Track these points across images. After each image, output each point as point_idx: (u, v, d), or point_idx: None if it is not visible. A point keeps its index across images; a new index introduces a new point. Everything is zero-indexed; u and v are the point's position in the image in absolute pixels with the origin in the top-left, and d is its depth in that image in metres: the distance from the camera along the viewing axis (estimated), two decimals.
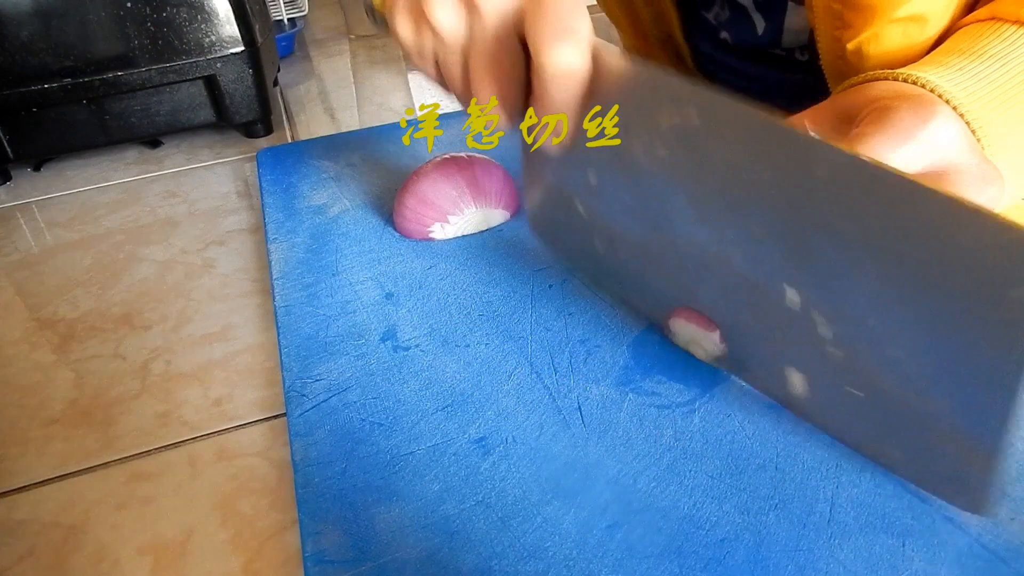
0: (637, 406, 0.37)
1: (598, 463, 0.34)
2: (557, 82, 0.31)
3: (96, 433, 0.43)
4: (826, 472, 0.33)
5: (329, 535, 0.32)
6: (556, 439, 0.35)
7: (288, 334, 0.43)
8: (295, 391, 0.39)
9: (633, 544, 0.30)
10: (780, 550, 0.30)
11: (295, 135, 0.82)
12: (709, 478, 0.33)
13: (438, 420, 0.37)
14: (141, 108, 0.74)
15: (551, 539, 0.31)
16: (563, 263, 0.43)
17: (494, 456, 0.35)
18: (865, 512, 0.31)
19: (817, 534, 0.30)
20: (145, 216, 0.67)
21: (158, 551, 0.36)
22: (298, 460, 0.35)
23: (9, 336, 0.52)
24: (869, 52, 0.40)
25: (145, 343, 0.50)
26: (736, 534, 0.30)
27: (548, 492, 0.33)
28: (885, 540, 0.30)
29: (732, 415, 0.36)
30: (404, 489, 0.33)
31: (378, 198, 0.58)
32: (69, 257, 0.61)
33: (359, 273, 0.49)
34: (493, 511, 0.32)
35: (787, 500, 0.32)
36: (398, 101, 0.90)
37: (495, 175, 0.52)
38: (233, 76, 0.75)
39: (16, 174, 0.77)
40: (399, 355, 0.41)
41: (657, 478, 0.33)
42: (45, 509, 0.38)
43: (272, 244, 0.53)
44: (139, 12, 0.70)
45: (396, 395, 0.38)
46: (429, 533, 0.31)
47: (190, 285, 0.56)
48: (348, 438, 0.36)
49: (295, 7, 1.08)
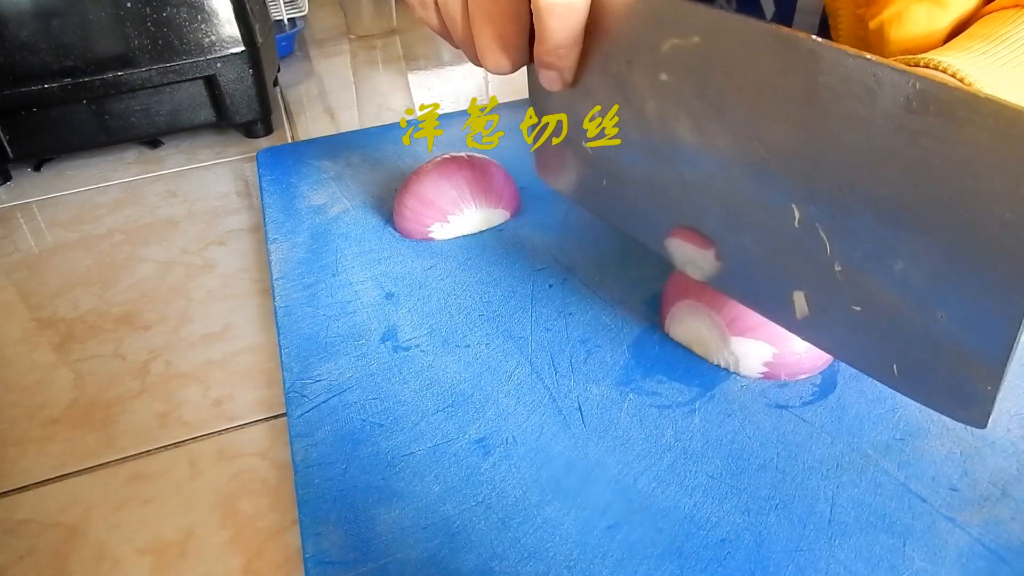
0: (637, 406, 0.37)
1: (598, 463, 0.34)
2: (554, 17, 0.30)
3: (96, 433, 0.43)
4: (826, 472, 0.33)
5: (330, 536, 0.31)
6: (556, 439, 0.35)
7: (288, 334, 0.43)
8: (295, 392, 0.39)
9: (634, 544, 0.30)
10: (781, 550, 0.30)
11: (295, 135, 0.82)
12: (709, 478, 0.33)
13: (438, 420, 0.37)
14: (141, 108, 0.74)
15: (552, 540, 0.31)
16: (568, 198, 0.42)
17: (494, 456, 0.35)
18: (865, 512, 0.31)
19: (817, 534, 0.30)
20: (145, 216, 0.67)
21: (158, 551, 0.35)
22: (299, 461, 0.35)
23: (9, 336, 0.52)
24: (890, 34, 0.39)
25: (145, 343, 0.50)
26: (737, 534, 0.30)
27: (549, 492, 0.33)
28: (886, 540, 0.30)
29: (732, 415, 0.36)
30: (404, 490, 0.33)
31: (378, 198, 0.57)
32: (69, 257, 0.61)
33: (359, 273, 0.49)
34: (494, 512, 0.32)
35: (787, 500, 0.32)
36: (398, 101, 0.90)
37: (495, 175, 0.52)
38: (233, 76, 0.75)
39: (16, 174, 0.77)
40: (399, 355, 0.41)
41: (658, 478, 0.33)
42: (45, 509, 0.38)
43: (272, 244, 0.53)
44: (139, 12, 0.69)
45: (396, 395, 0.38)
46: (430, 534, 0.31)
47: (190, 285, 0.56)
48: (348, 439, 0.36)
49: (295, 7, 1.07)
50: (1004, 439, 0.34)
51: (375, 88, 0.95)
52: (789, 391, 0.37)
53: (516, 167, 0.55)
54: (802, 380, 0.37)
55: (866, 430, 0.34)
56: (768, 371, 0.37)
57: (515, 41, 0.33)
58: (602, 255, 0.48)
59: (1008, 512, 0.30)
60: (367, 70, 1.02)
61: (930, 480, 0.32)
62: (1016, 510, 0.30)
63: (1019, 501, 0.31)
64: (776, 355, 0.37)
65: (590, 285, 0.46)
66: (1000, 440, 0.34)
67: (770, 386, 0.37)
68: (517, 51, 0.33)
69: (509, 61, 0.34)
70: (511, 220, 0.53)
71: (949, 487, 0.32)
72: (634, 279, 0.46)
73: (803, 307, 0.31)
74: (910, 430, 0.34)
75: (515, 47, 0.33)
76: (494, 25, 0.32)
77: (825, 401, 0.36)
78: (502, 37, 0.33)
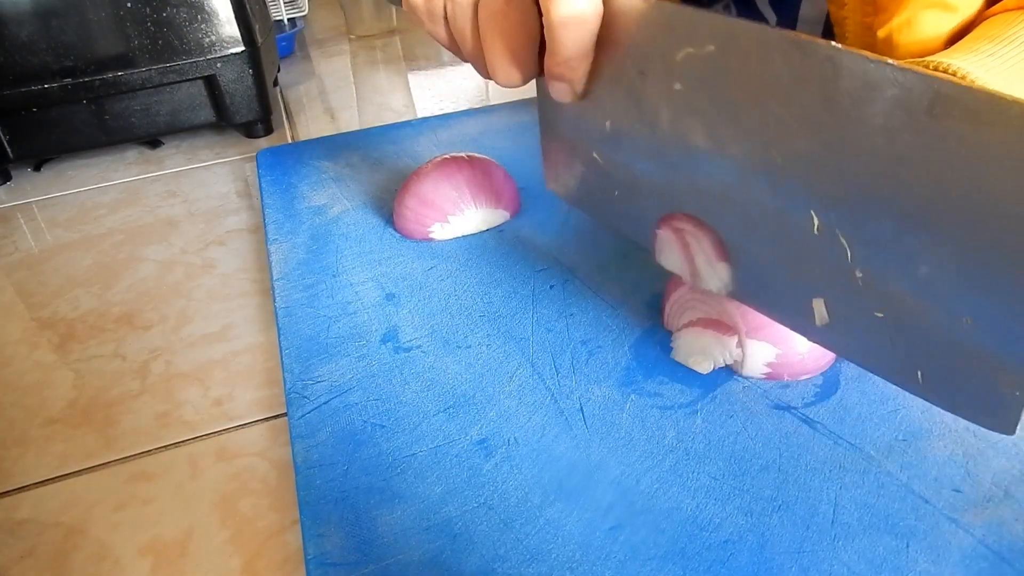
0: (639, 407, 0.36)
1: (601, 464, 0.34)
2: (565, 29, 0.30)
3: (96, 433, 0.42)
4: (829, 473, 0.32)
5: (331, 538, 0.31)
6: (558, 440, 0.35)
7: (289, 335, 0.43)
8: (296, 393, 0.39)
9: (637, 546, 0.30)
10: (784, 552, 0.29)
11: (295, 135, 0.82)
12: (712, 479, 0.32)
13: (440, 422, 0.36)
14: (141, 108, 0.74)
15: (554, 541, 0.30)
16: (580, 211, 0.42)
17: (496, 458, 0.34)
18: (869, 513, 0.31)
19: (821, 536, 0.30)
20: (145, 216, 0.66)
21: (158, 551, 0.35)
22: (300, 462, 0.35)
23: (9, 336, 0.52)
24: (900, 41, 0.39)
25: (145, 343, 0.49)
26: (740, 535, 0.30)
27: (551, 494, 0.32)
28: (889, 541, 0.29)
29: (734, 416, 0.35)
30: (406, 491, 0.33)
31: (378, 198, 0.57)
32: (69, 257, 0.61)
33: (360, 274, 0.48)
34: (496, 513, 0.32)
35: (790, 501, 0.31)
36: (398, 101, 0.89)
37: (495, 175, 0.51)
38: (233, 76, 0.74)
39: (16, 174, 0.76)
40: (400, 356, 0.41)
41: (660, 479, 0.33)
42: (45, 509, 0.38)
43: (272, 245, 0.52)
44: (139, 12, 0.69)
45: (397, 396, 0.38)
46: (432, 535, 0.31)
47: (190, 285, 0.55)
48: (350, 440, 0.36)
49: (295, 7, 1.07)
50: (1006, 440, 0.33)
51: (375, 88, 0.95)
52: (791, 392, 0.37)
53: (516, 167, 0.54)
54: (804, 381, 0.37)
55: (868, 431, 0.34)
56: (771, 372, 0.37)
57: (525, 54, 0.33)
58: (603, 256, 0.48)
59: (1011, 513, 0.30)
60: (367, 70, 1.02)
61: (933, 481, 0.32)
62: (1019, 511, 0.30)
63: (1022, 502, 0.30)
64: (779, 355, 0.36)
65: (591, 286, 0.45)
66: (1002, 441, 0.33)
67: (772, 387, 0.37)
68: (527, 64, 0.33)
69: (520, 74, 0.33)
70: (511, 220, 0.53)
71: (952, 488, 0.31)
72: (635, 280, 0.45)
73: (823, 314, 0.31)
74: (912, 431, 0.34)
75: (525, 60, 0.33)
76: (504, 38, 0.32)
77: (827, 402, 0.36)
78: (512, 50, 0.32)
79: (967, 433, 0.34)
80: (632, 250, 0.48)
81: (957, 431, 0.34)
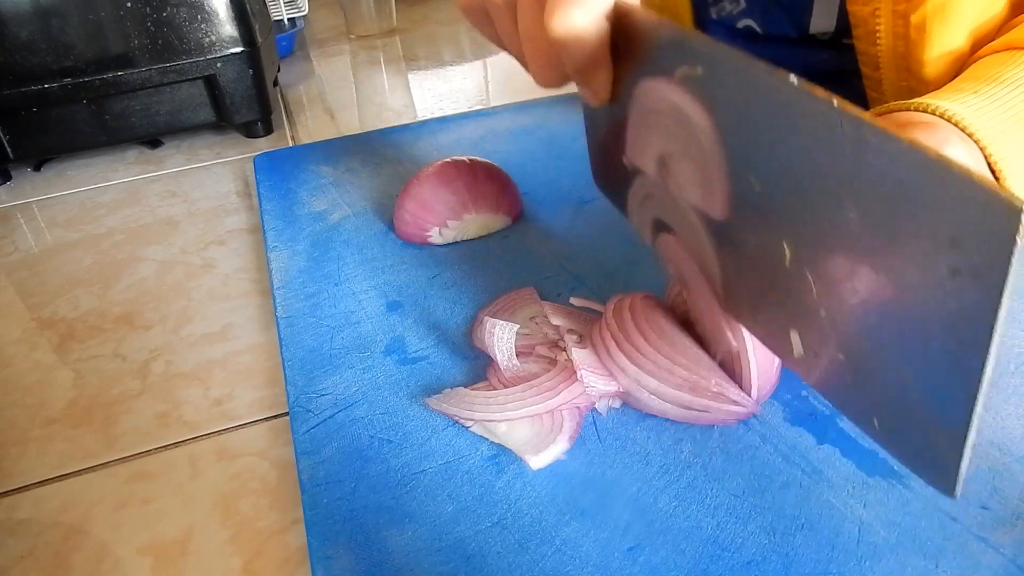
0: (654, 420, 0.34)
1: (616, 482, 0.31)
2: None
3: (96, 433, 0.41)
4: (852, 489, 0.30)
5: (340, 560, 0.29)
6: (572, 456, 0.32)
7: (291, 346, 0.40)
8: (300, 406, 0.36)
9: (656, 567, 0.28)
10: (809, 574, 0.27)
11: (295, 135, 0.79)
12: (732, 497, 0.30)
13: (449, 436, 0.34)
14: (141, 108, 0.71)
15: (572, 563, 0.28)
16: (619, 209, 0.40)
17: (508, 474, 0.32)
18: (895, 532, 0.28)
19: (847, 556, 0.28)
20: (145, 216, 0.64)
21: (158, 551, 0.34)
22: (305, 480, 0.32)
23: (9, 336, 0.50)
24: (932, 28, 0.38)
25: (145, 343, 0.47)
26: (763, 556, 0.28)
27: (566, 512, 0.30)
28: (917, 561, 0.27)
29: (752, 429, 0.33)
30: (416, 510, 0.30)
31: (379, 203, 0.54)
32: (69, 257, 0.58)
33: (362, 282, 0.45)
34: (510, 533, 0.29)
35: (814, 520, 0.29)
36: (398, 101, 0.87)
37: (496, 180, 0.49)
38: (233, 76, 0.72)
39: (16, 174, 0.74)
40: (406, 368, 0.38)
41: (678, 497, 0.30)
42: (45, 509, 0.36)
43: (272, 252, 0.49)
44: (139, 12, 0.67)
45: (405, 410, 0.35)
46: (444, 556, 0.29)
47: (190, 285, 0.53)
48: (356, 456, 0.33)
49: (295, 7, 1.04)
50: None
51: (375, 88, 0.92)
52: (810, 403, 0.34)
53: (519, 172, 0.52)
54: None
55: None
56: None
57: (558, 60, 0.32)
58: (611, 263, 0.46)
59: None
60: (367, 70, 0.99)
61: (959, 498, 0.29)
62: None
63: None
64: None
65: (600, 293, 0.43)
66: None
67: (791, 398, 0.35)
68: (561, 69, 0.32)
69: (556, 78, 0.33)
70: (515, 226, 0.50)
71: (979, 505, 0.29)
72: (645, 287, 0.43)
73: (799, 347, 0.29)
74: None
75: (558, 65, 0.32)
76: (538, 44, 0.31)
77: None
78: (547, 54, 0.31)
79: (991, 447, 0.31)
80: (641, 257, 0.45)
81: (981, 445, 0.31)
